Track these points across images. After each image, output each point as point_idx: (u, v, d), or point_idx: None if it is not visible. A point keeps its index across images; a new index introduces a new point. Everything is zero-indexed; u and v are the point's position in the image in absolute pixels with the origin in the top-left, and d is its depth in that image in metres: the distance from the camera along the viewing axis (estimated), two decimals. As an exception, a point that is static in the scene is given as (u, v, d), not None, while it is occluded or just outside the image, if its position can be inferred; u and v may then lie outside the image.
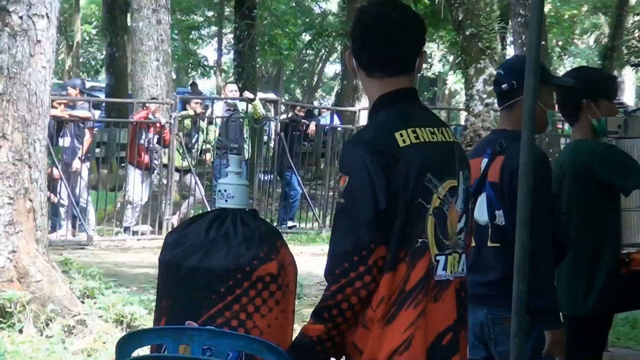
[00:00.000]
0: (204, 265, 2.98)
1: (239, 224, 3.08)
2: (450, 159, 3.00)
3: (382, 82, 3.05)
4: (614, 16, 26.66)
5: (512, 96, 4.16)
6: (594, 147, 4.71)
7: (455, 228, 2.98)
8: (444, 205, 2.95)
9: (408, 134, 2.95)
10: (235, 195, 3.19)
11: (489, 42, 14.11)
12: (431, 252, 2.93)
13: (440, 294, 2.94)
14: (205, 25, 38.72)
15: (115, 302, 7.34)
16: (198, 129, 15.34)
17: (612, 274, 4.70)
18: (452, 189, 2.97)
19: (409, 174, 2.90)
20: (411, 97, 3.07)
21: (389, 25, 3.02)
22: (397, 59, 3.04)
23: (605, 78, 4.93)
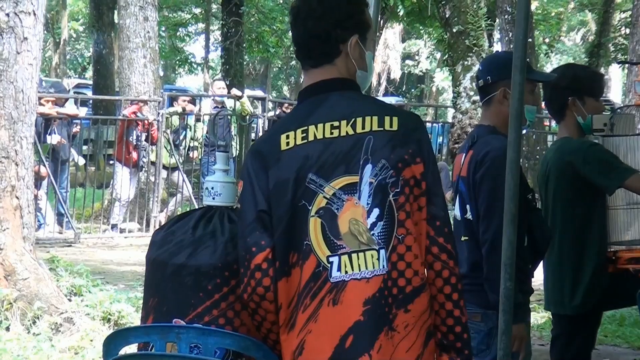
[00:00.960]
0: (191, 263, 2.97)
1: (226, 222, 3.08)
2: (350, 154, 2.85)
3: (308, 74, 3.00)
4: (601, 13, 26.69)
5: (488, 92, 4.17)
6: (578, 145, 4.72)
7: (362, 225, 2.82)
8: (332, 204, 2.83)
9: (295, 135, 2.89)
10: (223, 192, 3.18)
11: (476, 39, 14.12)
12: (318, 254, 2.83)
13: (338, 297, 2.81)
14: (193, 22, 38.64)
15: (102, 299, 7.32)
16: (186, 126, 15.32)
17: (599, 272, 4.71)
18: (346, 186, 2.84)
19: (288, 177, 2.86)
20: (330, 88, 2.94)
21: (305, 13, 2.97)
22: (315, 47, 2.96)
23: (591, 76, 4.92)
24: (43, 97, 13.13)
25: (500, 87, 4.10)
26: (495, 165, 3.88)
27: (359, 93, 2.98)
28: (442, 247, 2.85)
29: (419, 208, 2.86)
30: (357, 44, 2.96)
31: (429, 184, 2.87)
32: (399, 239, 2.81)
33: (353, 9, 2.97)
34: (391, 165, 2.84)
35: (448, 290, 2.86)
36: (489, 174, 3.94)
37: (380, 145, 2.85)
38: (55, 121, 13.51)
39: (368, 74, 3.03)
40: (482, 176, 3.98)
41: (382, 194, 2.83)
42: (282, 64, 45.24)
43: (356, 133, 2.87)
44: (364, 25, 2.99)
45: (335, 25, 2.93)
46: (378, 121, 2.87)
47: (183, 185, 14.55)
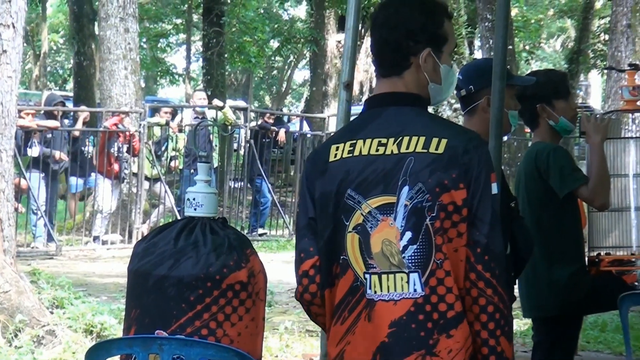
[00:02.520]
0: (173, 274, 2.97)
1: (208, 232, 3.08)
2: (390, 173, 2.82)
3: (378, 83, 3.00)
4: (580, 20, 26.83)
5: (470, 101, 4.17)
6: (540, 149, 4.74)
7: (395, 247, 2.80)
8: (366, 223, 2.83)
9: (344, 147, 2.90)
10: (204, 203, 3.18)
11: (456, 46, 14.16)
12: (356, 269, 2.83)
13: (370, 314, 2.82)
14: (174, 33, 38.63)
15: (84, 311, 7.29)
16: (167, 137, 15.30)
17: (578, 275, 4.72)
18: (383, 206, 2.81)
19: (331, 189, 2.87)
20: (390, 101, 2.93)
21: (381, 20, 2.96)
22: (386, 57, 2.95)
23: (553, 78, 4.91)
24: (23, 110, 13.08)
25: (483, 95, 4.09)
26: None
27: (420, 109, 2.94)
28: (480, 274, 2.79)
29: (458, 234, 2.80)
30: (429, 57, 2.92)
31: (473, 210, 2.80)
32: (437, 263, 2.78)
33: (428, 21, 2.92)
34: (428, 189, 2.79)
35: (484, 319, 2.80)
36: None
37: (420, 167, 2.81)
38: (35, 134, 13.46)
39: (443, 87, 2.98)
40: None
41: (417, 217, 2.79)
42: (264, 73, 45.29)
43: (400, 152, 2.84)
44: (440, 38, 2.94)
45: (407, 36, 2.91)
46: (424, 142, 2.83)
47: (165, 196, 14.52)
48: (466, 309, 2.81)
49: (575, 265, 4.74)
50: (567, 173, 4.64)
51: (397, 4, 2.94)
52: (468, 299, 2.81)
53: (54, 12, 42.33)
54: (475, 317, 2.80)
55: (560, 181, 4.63)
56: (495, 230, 2.83)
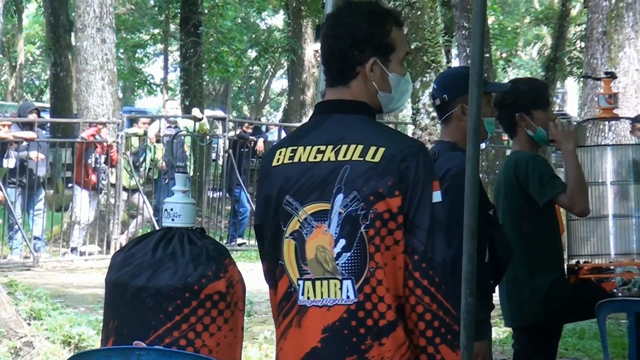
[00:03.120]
0: (151, 285, 2.96)
1: (186, 243, 3.08)
2: (326, 180, 2.84)
3: (328, 92, 3.01)
4: (556, 27, 26.94)
5: (445, 110, 4.17)
6: (519, 158, 4.75)
7: (329, 253, 2.82)
8: (302, 229, 2.85)
9: (286, 152, 2.92)
10: (182, 213, 3.18)
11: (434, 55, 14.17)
12: (290, 275, 2.86)
13: (301, 320, 2.84)
14: (151, 44, 38.56)
15: (62, 323, 7.26)
16: (145, 148, 15.25)
17: (558, 283, 4.73)
18: (317, 212, 2.83)
19: (271, 193, 2.91)
20: (334, 109, 2.94)
21: (327, 30, 2.97)
22: (332, 66, 2.96)
23: (533, 88, 4.91)
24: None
25: (457, 103, 4.10)
26: (456, 182, 3.86)
27: (366, 117, 2.93)
28: (418, 282, 2.79)
29: (395, 242, 2.81)
30: (376, 66, 2.93)
31: (410, 217, 2.81)
32: (371, 271, 2.79)
33: (373, 31, 2.92)
34: (362, 198, 2.80)
35: (422, 327, 2.81)
36: (450, 191, 3.92)
37: (356, 176, 2.82)
38: (11, 145, 13.39)
39: (394, 95, 2.98)
40: (443, 193, 3.97)
41: (351, 225, 2.81)
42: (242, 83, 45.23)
43: (337, 160, 2.85)
44: (386, 47, 2.94)
45: (352, 46, 2.91)
46: (362, 151, 2.84)
47: (144, 206, 14.48)
48: (406, 317, 2.82)
49: (555, 273, 4.75)
50: (546, 181, 4.65)
51: (344, 14, 2.95)
52: (407, 307, 2.82)
53: (30, 23, 42.19)
54: (414, 324, 2.82)
55: (540, 189, 4.64)
56: (435, 238, 2.83)
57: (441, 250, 2.83)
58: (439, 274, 2.81)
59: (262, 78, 46.75)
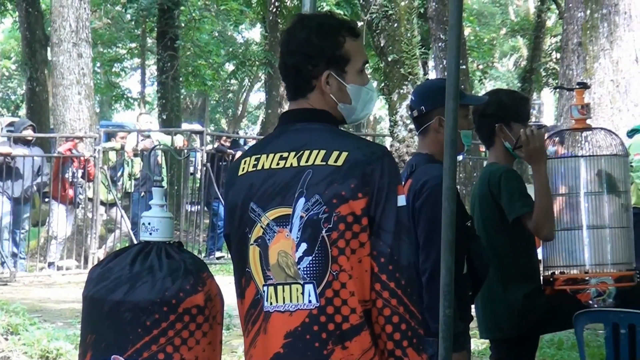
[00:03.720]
0: (129, 299, 2.95)
1: (164, 257, 3.07)
2: (288, 186, 2.85)
3: (289, 105, 3.03)
4: (532, 39, 27.09)
5: (423, 121, 4.19)
6: (493, 171, 4.75)
7: (291, 258, 2.82)
8: (266, 235, 2.86)
9: (250, 161, 2.94)
10: (160, 227, 3.18)
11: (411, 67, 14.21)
12: (257, 282, 2.87)
13: (266, 326, 2.84)
14: (128, 58, 38.50)
15: (40, 338, 7.23)
16: (123, 162, 15.22)
17: (534, 295, 4.74)
18: (279, 217, 2.85)
19: (236, 202, 2.92)
20: (297, 118, 2.96)
21: (281, 47, 3.00)
22: (289, 81, 2.98)
23: (516, 101, 4.92)
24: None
25: (435, 115, 4.11)
26: (434, 194, 3.88)
27: (328, 126, 2.94)
28: (385, 284, 2.79)
29: (360, 244, 2.80)
30: (332, 79, 2.94)
31: (376, 219, 2.81)
32: (333, 274, 2.79)
33: (324, 44, 2.93)
34: (324, 201, 2.80)
35: (389, 330, 2.80)
36: (428, 202, 3.94)
37: (318, 180, 2.83)
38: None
39: (356, 106, 2.98)
40: (421, 205, 3.98)
41: (313, 229, 2.81)
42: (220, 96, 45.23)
43: (299, 165, 2.86)
44: (340, 59, 2.94)
45: (305, 60, 2.92)
46: (324, 155, 2.85)
47: (122, 221, 14.44)
48: (373, 321, 2.81)
49: (531, 285, 4.76)
50: (516, 198, 4.64)
51: (296, 30, 2.97)
52: (374, 311, 2.81)
53: (6, 38, 42.03)
54: (381, 328, 2.81)
55: (509, 205, 4.64)
56: (401, 241, 2.83)
57: (407, 253, 2.83)
58: (405, 277, 2.81)
59: (239, 91, 46.75)
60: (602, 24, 11.04)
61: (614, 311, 4.62)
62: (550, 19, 29.28)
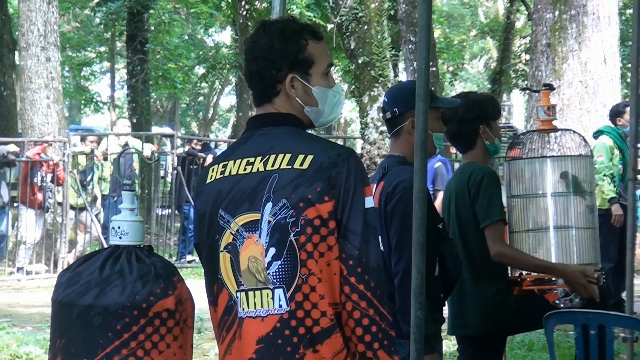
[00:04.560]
0: (99, 303, 2.95)
1: (134, 261, 3.07)
2: (255, 191, 2.86)
3: (256, 111, 3.04)
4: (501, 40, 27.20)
5: (396, 124, 4.20)
6: (475, 170, 4.77)
7: (260, 263, 2.83)
8: (236, 241, 2.87)
9: (217, 169, 2.95)
10: (130, 231, 3.17)
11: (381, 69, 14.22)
12: (229, 288, 2.88)
13: (240, 332, 2.85)
14: (97, 61, 38.35)
15: (9, 342, 7.20)
16: (93, 166, 15.15)
17: (502, 294, 4.77)
18: (248, 223, 2.86)
19: (205, 210, 2.93)
20: (264, 122, 2.97)
21: (245, 53, 3.01)
22: (254, 87, 3.00)
23: (491, 101, 5.05)
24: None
25: (408, 117, 4.12)
26: (406, 197, 3.88)
27: (294, 129, 2.95)
28: (354, 287, 2.80)
29: (329, 247, 2.81)
30: (296, 82, 2.95)
31: (343, 222, 2.82)
32: (302, 278, 2.80)
33: (286, 48, 2.94)
34: (291, 205, 2.81)
35: (360, 332, 2.81)
36: (400, 205, 3.95)
37: (284, 184, 2.84)
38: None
39: (324, 108, 2.99)
40: (393, 207, 3.99)
41: (281, 233, 2.81)
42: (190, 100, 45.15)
43: (265, 170, 2.87)
44: (303, 62, 2.95)
45: (269, 66, 2.94)
46: (289, 159, 2.86)
47: (92, 225, 14.37)
48: (343, 324, 2.82)
49: (500, 284, 4.80)
50: (494, 204, 4.68)
51: (259, 36, 2.99)
52: (344, 313, 2.82)
53: (-26, 42, 41.73)
54: (351, 330, 2.82)
55: (486, 210, 4.67)
56: (369, 243, 2.83)
57: (375, 255, 2.84)
58: (374, 279, 2.82)
59: (210, 95, 46.69)
60: (570, 25, 11.11)
61: (583, 312, 4.65)
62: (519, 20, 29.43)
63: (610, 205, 9.76)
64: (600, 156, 9.69)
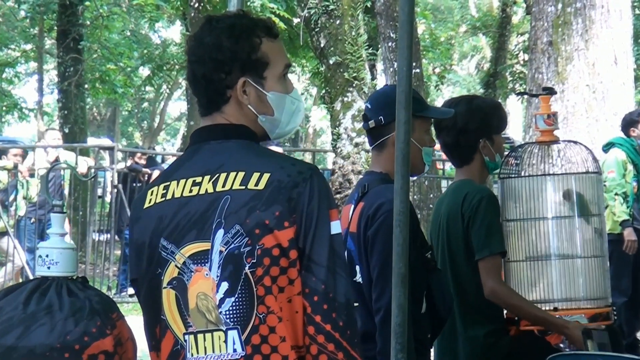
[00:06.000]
0: (22, 344, 2.94)
1: (65, 295, 3.06)
2: (204, 216, 2.83)
3: (202, 121, 3.01)
4: (496, 37, 27.36)
5: (381, 134, 4.19)
6: (471, 192, 4.71)
7: (211, 301, 2.80)
8: (183, 276, 2.83)
9: (158, 191, 2.92)
10: (60, 260, 3.16)
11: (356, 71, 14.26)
12: (175, 331, 2.85)
13: None
14: (22, 62, 38.22)
15: None
16: (16, 183, 15.07)
17: (496, 334, 4.76)
18: (196, 254, 2.82)
19: (143, 240, 2.90)
20: (210, 135, 2.95)
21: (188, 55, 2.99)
22: (200, 94, 2.98)
23: (495, 109, 4.95)
24: None
25: (394, 128, 4.08)
26: (390, 221, 3.86)
27: (246, 142, 2.93)
28: (319, 327, 2.78)
29: (289, 281, 2.79)
30: (250, 87, 2.93)
31: (305, 251, 2.79)
32: (260, 317, 2.77)
33: (237, 47, 2.92)
34: (246, 232, 2.79)
35: None
36: (383, 230, 3.93)
37: (237, 207, 2.81)
38: None
39: (281, 117, 2.98)
40: (375, 233, 3.97)
41: (234, 265, 2.78)
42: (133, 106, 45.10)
43: (215, 191, 2.84)
44: (257, 63, 2.95)
45: (217, 68, 2.92)
46: (243, 178, 2.83)
47: (14, 252, 14.29)
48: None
49: (494, 324, 4.77)
50: (492, 233, 4.63)
51: (203, 34, 2.97)
52: (309, 358, 2.80)
53: None
54: None
55: (484, 240, 4.60)
56: (337, 275, 2.81)
57: (344, 289, 2.82)
58: (343, 317, 2.79)
59: (156, 100, 46.64)
60: (575, 19, 11.15)
61: (592, 355, 4.65)
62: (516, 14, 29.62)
63: (622, 230, 9.80)
64: (612, 172, 9.73)
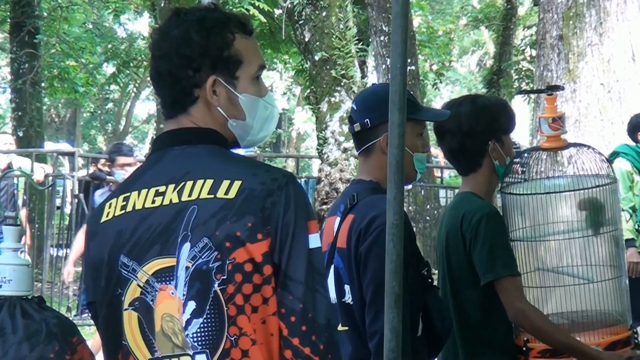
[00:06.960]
0: (-30, 374, 2.93)
1: (19, 316, 3.06)
2: (169, 229, 2.83)
3: (165, 124, 3.02)
4: (500, 31, 27.41)
5: (367, 138, 4.18)
6: (470, 211, 4.63)
7: (177, 323, 2.79)
8: (146, 296, 2.83)
9: (117, 203, 2.91)
10: (13, 278, 3.16)
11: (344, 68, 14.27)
12: (138, 357, 2.84)
13: None
14: (-28, 57, 38.25)
15: None
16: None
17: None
18: (160, 271, 2.81)
19: (101, 258, 2.89)
20: (174, 140, 2.95)
21: (152, 50, 3.00)
22: (164, 94, 2.98)
23: (503, 107, 4.89)
24: None
25: (383, 132, 4.06)
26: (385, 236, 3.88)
27: (215, 147, 2.92)
28: (298, 351, 2.77)
29: (264, 300, 2.78)
30: (220, 87, 2.93)
31: (281, 266, 2.78)
32: (231, 340, 2.77)
33: (207, 42, 2.93)
34: (215, 245, 2.78)
35: None
36: (378, 246, 3.91)
37: (205, 218, 2.80)
38: None
39: (253, 122, 2.99)
40: (368, 249, 3.96)
41: (202, 282, 2.77)
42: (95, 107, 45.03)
43: (181, 201, 2.84)
44: (229, 61, 2.95)
45: (184, 65, 2.92)
46: (211, 186, 2.83)
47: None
48: None
49: (502, 355, 4.74)
50: (497, 255, 4.56)
51: (170, 27, 2.97)
52: None
53: None
54: None
55: (487, 264, 4.51)
56: (316, 293, 2.80)
57: (324, 308, 2.81)
58: (324, 339, 2.79)
59: (122, 100, 46.64)
60: (588, 10, 11.16)
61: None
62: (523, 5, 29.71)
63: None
64: (617, 185, 9.73)
